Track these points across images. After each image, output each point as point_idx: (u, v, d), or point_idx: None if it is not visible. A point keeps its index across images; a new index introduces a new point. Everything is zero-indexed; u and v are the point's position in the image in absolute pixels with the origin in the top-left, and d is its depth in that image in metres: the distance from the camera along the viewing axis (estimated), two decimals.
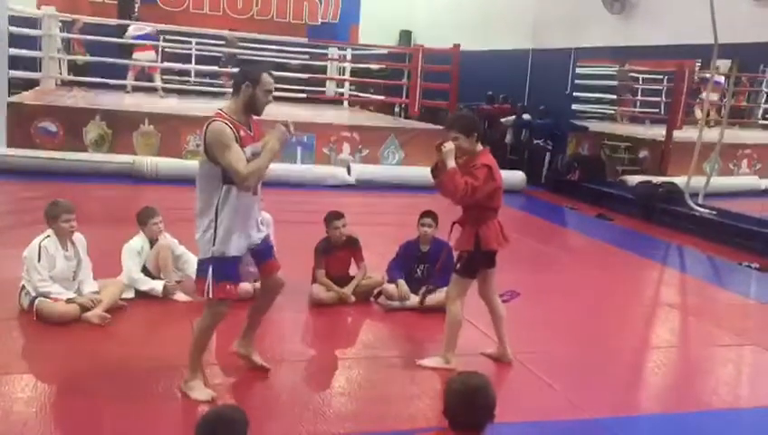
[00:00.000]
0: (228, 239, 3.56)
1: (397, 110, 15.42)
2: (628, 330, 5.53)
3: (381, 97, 15.23)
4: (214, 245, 3.54)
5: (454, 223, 4.32)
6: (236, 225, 3.57)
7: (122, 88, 12.92)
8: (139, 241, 5.19)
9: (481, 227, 4.13)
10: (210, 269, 3.56)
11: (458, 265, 4.28)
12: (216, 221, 3.53)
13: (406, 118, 13.88)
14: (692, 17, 9.23)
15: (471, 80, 12.97)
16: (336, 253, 5.44)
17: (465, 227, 4.20)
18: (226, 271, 3.60)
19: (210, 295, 3.59)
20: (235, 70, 13.34)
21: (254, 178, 3.53)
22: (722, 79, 10.31)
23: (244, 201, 3.59)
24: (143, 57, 12.88)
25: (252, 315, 4.07)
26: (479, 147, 4.18)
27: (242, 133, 3.55)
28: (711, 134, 9.98)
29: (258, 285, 5.19)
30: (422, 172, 9.80)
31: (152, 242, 5.21)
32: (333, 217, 5.39)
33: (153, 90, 13.16)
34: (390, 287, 5.37)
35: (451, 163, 4.00)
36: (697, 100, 12.13)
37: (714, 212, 9.28)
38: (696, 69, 11.93)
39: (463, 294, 4.29)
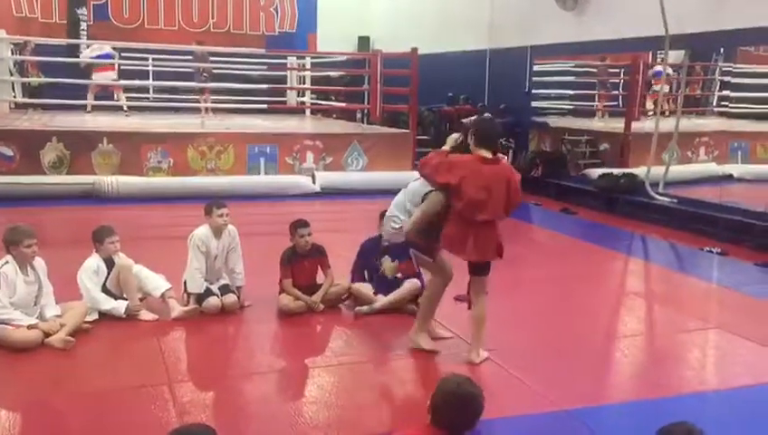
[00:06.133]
0: None
1: (359, 115, 15.41)
2: (596, 321, 5.59)
3: (343, 104, 15.22)
4: None
5: None
6: None
7: (80, 108, 12.75)
8: (94, 261, 5.09)
9: (447, 225, 4.34)
10: None
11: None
12: None
13: (368, 123, 13.88)
14: (643, 10, 9.36)
15: (431, 82, 13.02)
16: (302, 262, 5.40)
17: None
18: None
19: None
20: (209, 85, 13.41)
21: None
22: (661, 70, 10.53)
23: None
24: (104, 77, 12.74)
25: None
26: (480, 152, 4.49)
27: None
28: (668, 124, 10.15)
29: (225, 299, 5.21)
30: (386, 177, 10.08)
31: (107, 261, 5.11)
32: (299, 225, 5.36)
33: (115, 108, 13.05)
34: (359, 289, 5.40)
35: (446, 148, 4.56)
36: (650, 92, 12.35)
37: (674, 200, 9.43)
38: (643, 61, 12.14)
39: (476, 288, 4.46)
